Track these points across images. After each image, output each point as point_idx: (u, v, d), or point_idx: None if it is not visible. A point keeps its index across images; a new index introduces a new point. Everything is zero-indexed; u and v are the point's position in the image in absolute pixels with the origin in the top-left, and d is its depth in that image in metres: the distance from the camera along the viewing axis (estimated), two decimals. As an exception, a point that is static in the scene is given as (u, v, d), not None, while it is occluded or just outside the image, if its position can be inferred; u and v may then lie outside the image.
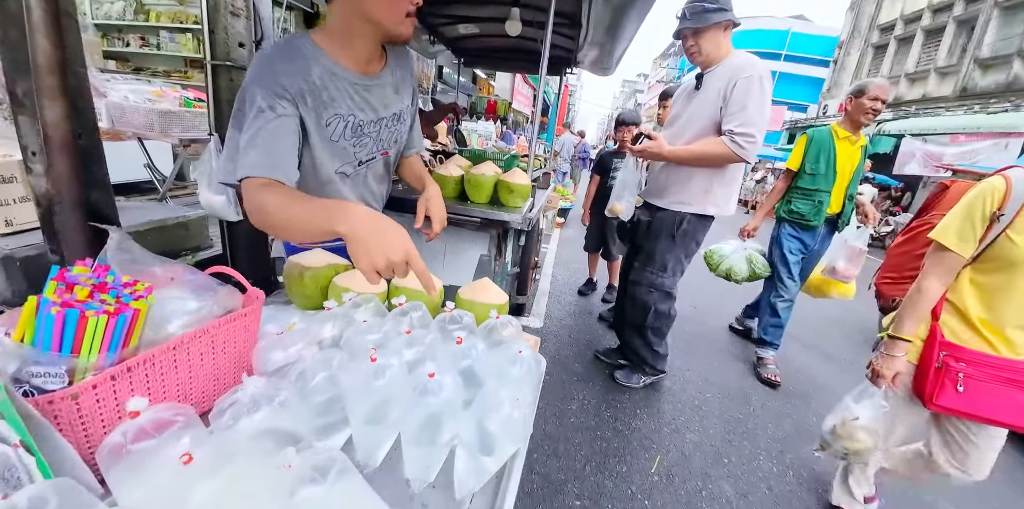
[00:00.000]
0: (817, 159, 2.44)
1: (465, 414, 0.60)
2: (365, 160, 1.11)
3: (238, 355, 0.67)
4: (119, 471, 0.44)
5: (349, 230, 0.69)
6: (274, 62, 0.89)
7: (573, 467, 1.72)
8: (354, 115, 1.02)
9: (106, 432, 0.48)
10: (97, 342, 0.47)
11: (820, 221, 2.49)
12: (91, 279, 0.51)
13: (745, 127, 1.67)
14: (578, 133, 11.10)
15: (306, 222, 0.76)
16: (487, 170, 1.64)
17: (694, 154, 1.79)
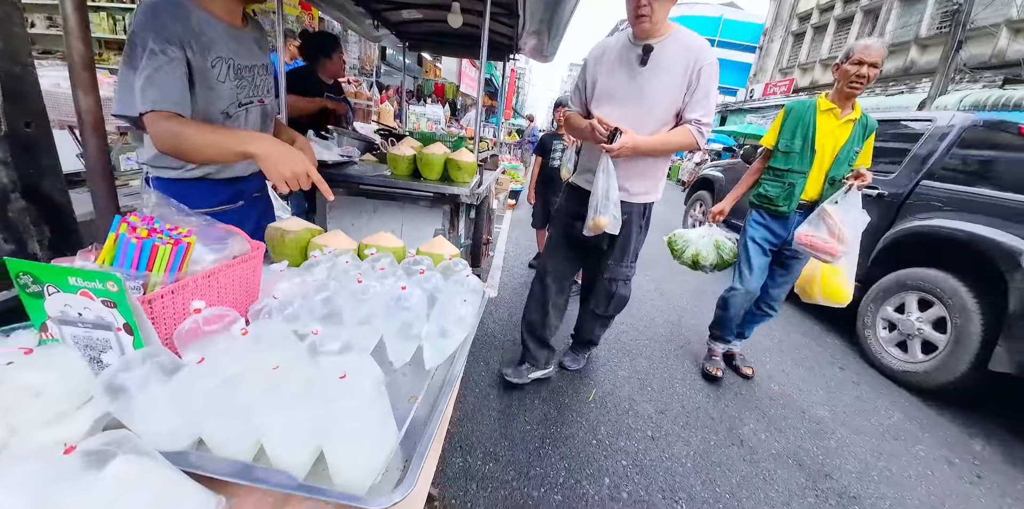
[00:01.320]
0: (793, 135, 2.11)
1: (430, 314, 0.85)
2: (244, 102, 1.24)
3: (248, 288, 0.88)
4: (190, 349, 0.65)
5: (260, 150, 0.95)
6: (159, 10, 1.00)
7: (524, 402, 2.04)
8: (232, 59, 1.16)
9: (171, 327, 0.69)
10: (163, 264, 0.67)
11: (791, 207, 2.15)
12: (144, 225, 0.70)
13: (708, 116, 1.67)
14: (527, 117, 11.31)
15: (220, 144, 0.97)
16: (436, 150, 1.85)
17: (664, 144, 1.69)
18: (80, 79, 0.75)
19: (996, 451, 2.23)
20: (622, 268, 1.96)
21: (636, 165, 1.76)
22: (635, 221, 1.88)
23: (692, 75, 1.62)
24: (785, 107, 2.21)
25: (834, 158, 2.08)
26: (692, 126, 1.67)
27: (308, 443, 0.54)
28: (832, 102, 2.07)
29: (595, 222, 1.72)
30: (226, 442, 0.55)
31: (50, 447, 0.42)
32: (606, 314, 2.10)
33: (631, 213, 1.85)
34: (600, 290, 2.02)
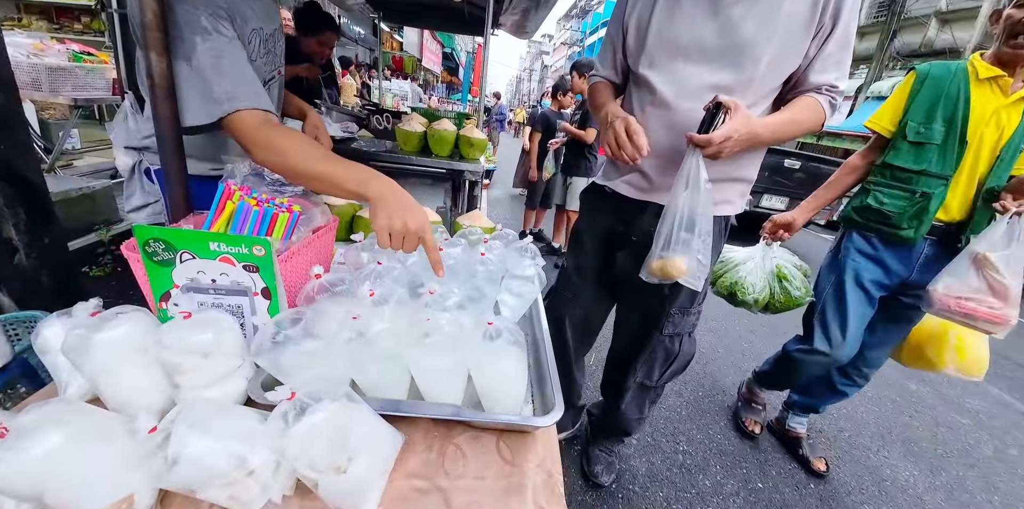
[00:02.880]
0: (930, 116, 1.33)
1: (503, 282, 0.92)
2: (268, 79, 1.02)
3: (327, 255, 0.90)
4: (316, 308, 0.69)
5: (378, 194, 0.73)
6: None
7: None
8: (262, 27, 0.94)
9: (288, 291, 0.72)
10: (281, 231, 0.69)
11: (919, 232, 1.35)
12: (246, 194, 0.72)
13: (843, 79, 1.02)
14: (494, 94, 11.14)
15: (334, 182, 0.76)
16: (447, 126, 1.86)
17: (793, 126, 1.01)
18: (153, 40, 0.72)
19: (927, 391, 2.63)
20: (690, 317, 1.24)
21: (729, 160, 0.99)
22: (713, 244, 1.12)
23: (825, 8, 0.94)
24: (916, 71, 1.39)
25: (996, 157, 1.28)
26: (823, 95, 1.00)
27: (462, 382, 0.60)
28: (993, 67, 1.26)
29: (664, 265, 0.98)
30: (385, 387, 0.60)
31: (253, 411, 0.47)
32: (659, 384, 1.34)
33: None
34: (654, 352, 1.28)
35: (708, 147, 0.88)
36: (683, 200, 0.93)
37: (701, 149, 0.89)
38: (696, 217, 0.92)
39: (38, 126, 3.46)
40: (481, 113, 3.25)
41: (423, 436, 0.57)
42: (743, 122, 0.89)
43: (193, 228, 0.69)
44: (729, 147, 0.90)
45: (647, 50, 1.04)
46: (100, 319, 0.54)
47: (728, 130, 0.87)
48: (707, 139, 0.87)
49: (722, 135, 0.87)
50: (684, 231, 0.94)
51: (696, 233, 0.94)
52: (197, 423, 0.46)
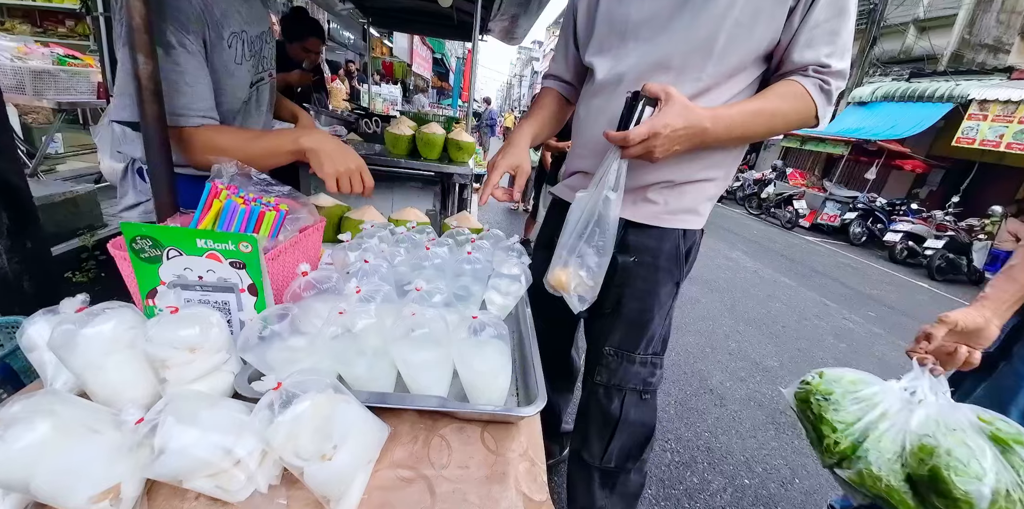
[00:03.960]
0: None
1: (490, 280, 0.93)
2: (255, 81, 1.06)
3: (315, 253, 0.91)
4: (303, 305, 0.70)
5: (316, 144, 0.86)
6: None
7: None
8: (245, 31, 0.96)
9: (275, 288, 0.73)
10: (268, 230, 0.70)
11: None
12: (232, 194, 0.73)
13: (840, 56, 0.79)
14: (484, 99, 11.22)
15: (270, 152, 0.88)
16: (436, 129, 1.88)
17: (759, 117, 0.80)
18: (140, 42, 0.73)
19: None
20: (634, 366, 0.97)
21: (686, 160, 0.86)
22: (664, 267, 0.93)
23: None
24: None
25: None
26: (810, 78, 0.78)
27: (448, 375, 0.62)
28: None
29: (553, 275, 0.90)
30: (372, 381, 0.62)
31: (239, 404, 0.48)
32: (603, 464, 1.03)
33: (657, 250, 0.92)
34: (587, 407, 1.04)
35: (625, 147, 0.74)
36: (583, 202, 0.83)
37: (620, 150, 0.76)
38: (589, 223, 0.81)
39: (21, 130, 3.41)
40: (470, 118, 3.28)
41: (409, 428, 0.58)
42: (678, 115, 0.71)
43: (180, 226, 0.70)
44: (659, 146, 0.73)
45: (596, 34, 0.91)
46: (87, 314, 0.55)
47: (653, 126, 0.71)
48: (622, 137, 0.73)
49: (642, 133, 0.71)
50: (575, 238, 0.83)
51: (585, 240, 0.82)
52: (184, 414, 0.47)
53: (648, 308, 0.96)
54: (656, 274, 0.95)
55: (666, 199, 0.91)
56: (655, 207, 0.91)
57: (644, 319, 0.96)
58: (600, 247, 0.81)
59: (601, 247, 0.81)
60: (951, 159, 9.29)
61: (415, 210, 1.31)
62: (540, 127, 1.06)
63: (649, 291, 0.96)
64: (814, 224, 8.53)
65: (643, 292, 0.95)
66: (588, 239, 0.81)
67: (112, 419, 0.48)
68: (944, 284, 6.04)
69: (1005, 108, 7.65)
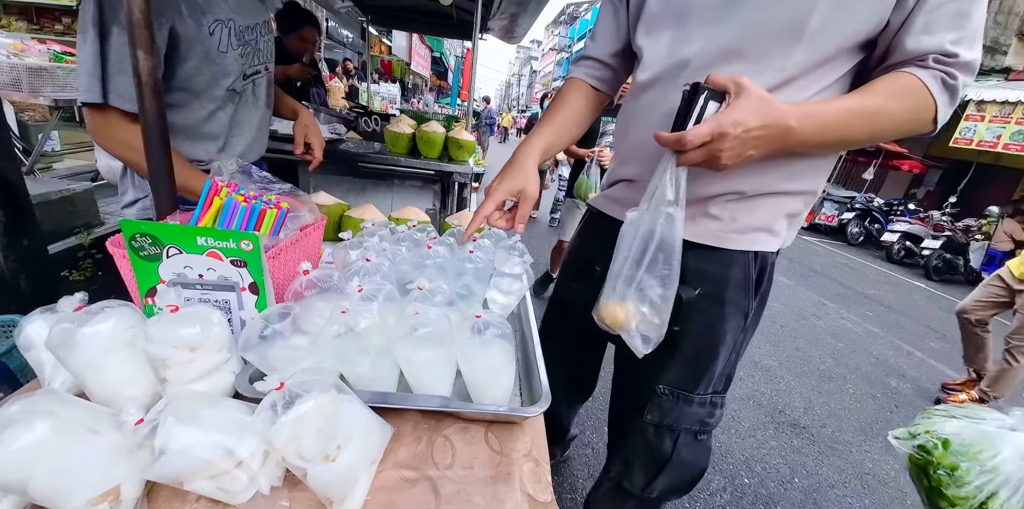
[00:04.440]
0: None
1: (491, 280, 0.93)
2: (250, 74, 1.05)
3: (315, 252, 0.91)
4: (304, 304, 0.69)
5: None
6: None
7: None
8: (232, 19, 0.96)
9: (276, 287, 0.72)
10: (269, 228, 0.69)
11: None
12: (232, 191, 0.72)
13: (969, 45, 0.61)
14: (483, 98, 11.20)
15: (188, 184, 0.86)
16: (436, 128, 1.87)
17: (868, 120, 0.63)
18: (141, 38, 0.73)
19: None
20: (692, 407, 0.85)
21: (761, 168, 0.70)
22: (729, 299, 0.78)
23: None
24: None
25: None
26: (929, 71, 0.61)
27: (451, 375, 0.61)
28: None
29: (607, 310, 0.74)
30: (374, 381, 0.61)
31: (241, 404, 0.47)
32: (645, 494, 0.95)
33: (717, 278, 0.77)
34: (633, 443, 0.91)
35: (682, 151, 0.59)
36: (637, 222, 0.67)
37: (677, 156, 0.61)
38: (648, 248, 0.66)
39: (17, 128, 3.38)
40: (470, 117, 3.27)
41: (412, 428, 0.58)
42: (752, 110, 0.56)
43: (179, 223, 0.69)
44: (727, 151, 0.57)
45: (647, 11, 0.75)
46: (85, 313, 0.54)
47: (719, 125, 0.55)
48: (676, 139, 0.58)
49: (703, 134, 0.56)
50: (632, 266, 0.68)
51: (646, 269, 0.66)
52: (184, 414, 0.47)
53: (710, 347, 0.79)
54: (721, 308, 0.77)
55: (733, 214, 0.73)
56: (717, 224, 0.74)
57: (705, 358, 0.80)
58: (664, 277, 0.66)
59: (666, 277, 0.66)
60: (948, 159, 9.32)
61: (415, 209, 1.30)
62: (557, 135, 0.87)
63: (712, 327, 0.78)
64: (812, 224, 8.55)
65: (705, 328, 0.78)
66: (650, 267, 0.67)
67: (112, 419, 0.47)
68: (941, 284, 6.07)
69: (1002, 109, 7.67)
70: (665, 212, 0.64)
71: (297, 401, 0.47)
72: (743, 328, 0.80)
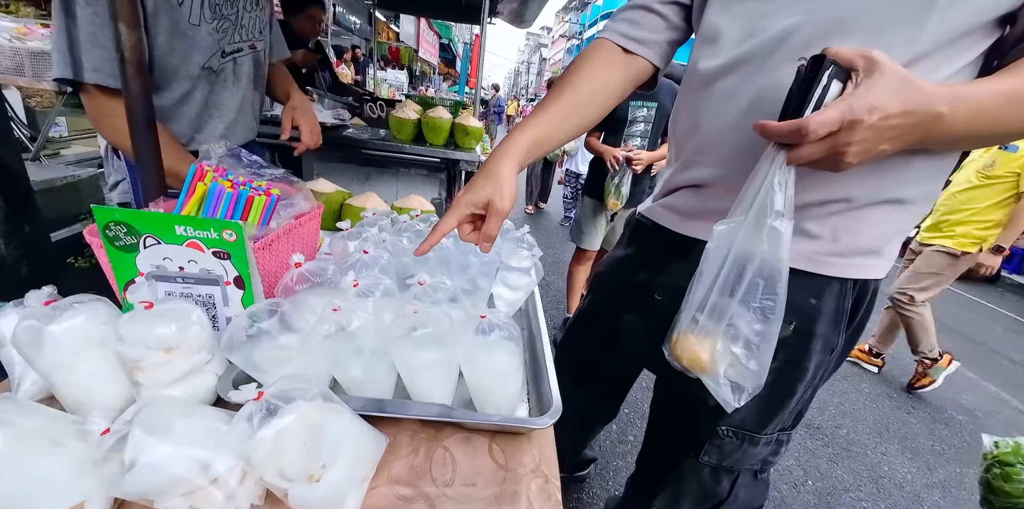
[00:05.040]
0: None
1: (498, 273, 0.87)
2: (230, 52, 0.98)
3: (311, 245, 0.85)
4: (295, 300, 0.64)
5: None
6: None
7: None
8: None
9: (266, 281, 0.67)
10: (258, 216, 0.64)
11: None
12: (219, 176, 0.66)
13: None
14: (492, 86, 11.02)
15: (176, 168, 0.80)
16: (442, 113, 1.80)
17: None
18: (123, 10, 0.67)
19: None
20: (757, 447, 0.75)
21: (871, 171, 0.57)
22: (818, 333, 0.65)
23: None
24: None
25: None
26: None
27: (452, 379, 0.56)
28: None
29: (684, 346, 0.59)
30: (369, 385, 0.56)
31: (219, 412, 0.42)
32: None
33: (807, 311, 0.64)
34: (684, 482, 0.82)
35: (798, 144, 0.45)
36: (728, 238, 0.53)
37: (786, 150, 0.47)
38: (746, 271, 0.52)
39: (24, 113, 3.36)
40: (477, 104, 3.17)
41: (409, 438, 0.53)
42: (892, 93, 0.43)
43: (164, 210, 0.64)
44: (857, 144, 0.44)
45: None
46: (54, 309, 0.49)
47: (850, 110, 0.43)
48: (793, 129, 0.44)
49: (831, 121, 0.43)
50: (720, 293, 0.54)
51: (741, 299, 0.52)
52: (156, 424, 0.42)
53: (787, 385, 0.67)
54: (808, 343, 0.64)
55: (834, 231, 0.59)
56: (813, 244, 0.60)
57: (779, 398, 0.68)
58: (766, 309, 0.52)
59: (768, 309, 0.52)
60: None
61: (419, 198, 1.24)
62: (555, 124, 0.68)
63: (795, 365, 0.65)
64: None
65: (785, 366, 0.65)
66: (746, 297, 0.52)
67: (77, 429, 0.43)
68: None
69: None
70: (769, 226, 0.49)
71: (278, 412, 0.42)
72: (827, 364, 0.68)
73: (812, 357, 0.65)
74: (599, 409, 1.09)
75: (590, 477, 1.54)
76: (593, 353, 0.97)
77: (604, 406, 1.09)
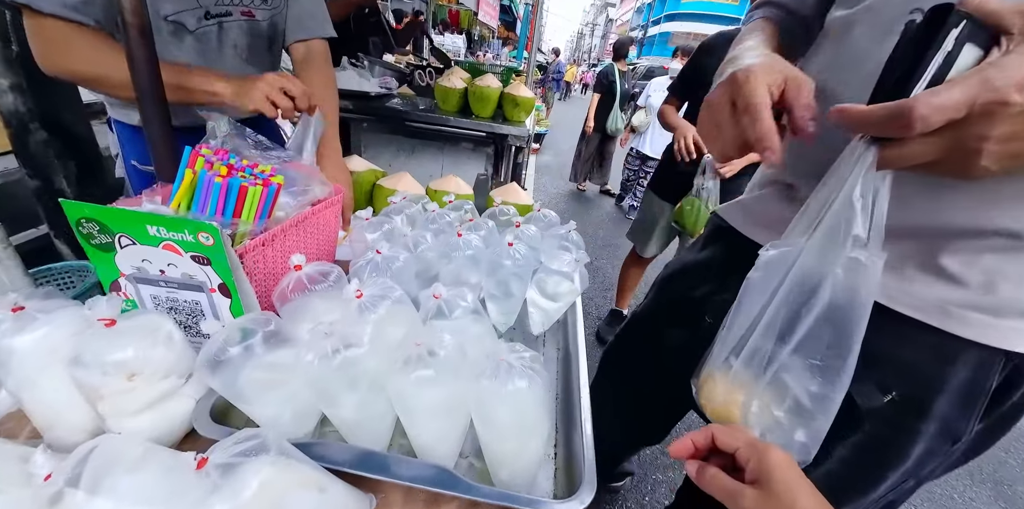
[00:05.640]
0: None
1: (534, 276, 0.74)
2: (215, 13, 0.84)
3: (329, 237, 0.76)
4: (291, 312, 0.55)
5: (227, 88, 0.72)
6: None
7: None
8: None
9: (263, 284, 0.59)
10: (254, 210, 0.55)
11: None
12: (219, 160, 0.57)
13: None
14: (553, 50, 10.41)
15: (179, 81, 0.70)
16: (491, 82, 1.63)
17: None
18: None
19: None
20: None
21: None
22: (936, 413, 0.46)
23: None
24: None
25: None
26: None
27: (462, 425, 0.45)
28: None
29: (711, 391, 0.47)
30: (361, 424, 0.47)
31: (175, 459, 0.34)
32: None
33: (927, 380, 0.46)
34: None
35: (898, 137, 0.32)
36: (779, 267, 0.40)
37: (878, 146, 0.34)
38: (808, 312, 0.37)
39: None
40: (531, 70, 2.92)
41: (402, 498, 0.43)
42: None
43: (160, 201, 0.56)
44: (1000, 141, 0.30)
45: None
46: (17, 319, 0.43)
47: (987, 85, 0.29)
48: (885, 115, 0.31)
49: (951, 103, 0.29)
50: (765, 335, 0.40)
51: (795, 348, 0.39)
52: (100, 477, 0.35)
53: (872, 467, 0.50)
54: (917, 421, 0.46)
55: (989, 276, 0.41)
56: (955, 290, 0.43)
57: (856, 480, 0.52)
58: (829, 369, 0.38)
59: (832, 369, 0.38)
60: None
61: (456, 179, 1.12)
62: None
63: (889, 446, 0.49)
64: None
65: (876, 443, 0.49)
66: (803, 346, 0.38)
67: (20, 470, 0.37)
68: None
69: None
70: (847, 257, 0.35)
71: (227, 483, 0.33)
72: (946, 456, 0.49)
73: (919, 441, 0.47)
74: (642, 430, 0.96)
75: (624, 489, 1.43)
76: (640, 369, 0.85)
77: (648, 428, 0.95)
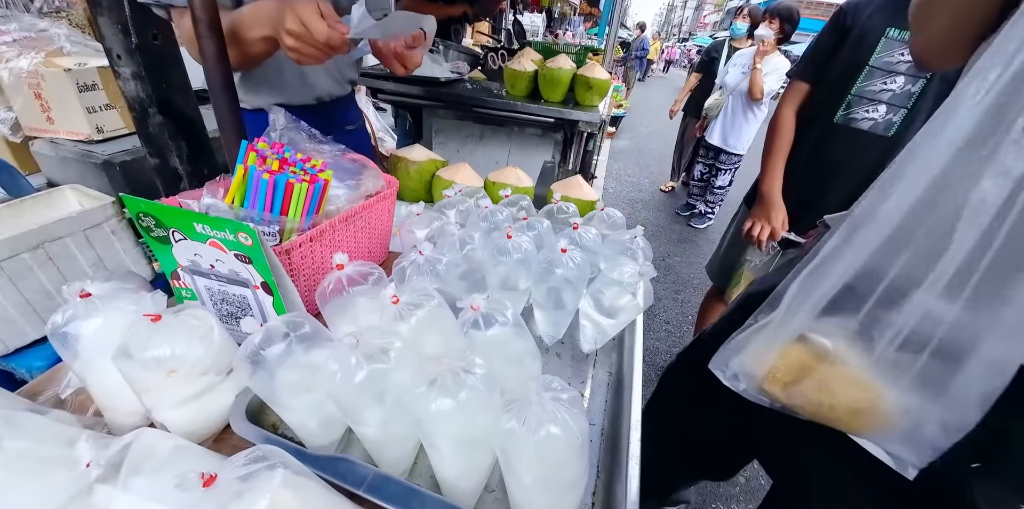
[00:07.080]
0: None
1: (590, 286, 0.67)
2: None
3: (382, 233, 0.75)
4: (334, 312, 0.54)
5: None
6: None
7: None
8: None
9: (309, 281, 0.59)
10: (300, 206, 0.54)
11: None
12: (274, 154, 0.57)
13: None
14: (637, 26, 9.74)
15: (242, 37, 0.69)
16: (564, 63, 1.53)
17: None
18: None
19: None
20: None
21: None
22: None
23: None
24: None
25: None
26: None
27: (489, 458, 0.41)
28: None
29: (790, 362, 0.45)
30: (386, 443, 0.44)
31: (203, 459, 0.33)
32: None
33: None
34: None
35: None
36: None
37: None
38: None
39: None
40: (611, 48, 2.71)
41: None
42: None
43: (223, 192, 0.57)
44: None
45: None
46: (83, 305, 0.46)
47: None
48: None
49: None
50: (950, 296, 0.33)
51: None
52: (131, 473, 0.35)
53: None
54: None
55: None
56: None
57: None
58: None
59: None
60: None
61: (517, 171, 1.06)
62: None
63: None
64: None
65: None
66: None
67: (65, 453, 0.39)
68: None
69: None
70: None
71: (237, 500, 0.32)
72: None
73: None
74: (705, 462, 0.85)
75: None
76: (706, 394, 0.74)
77: (711, 461, 0.84)
